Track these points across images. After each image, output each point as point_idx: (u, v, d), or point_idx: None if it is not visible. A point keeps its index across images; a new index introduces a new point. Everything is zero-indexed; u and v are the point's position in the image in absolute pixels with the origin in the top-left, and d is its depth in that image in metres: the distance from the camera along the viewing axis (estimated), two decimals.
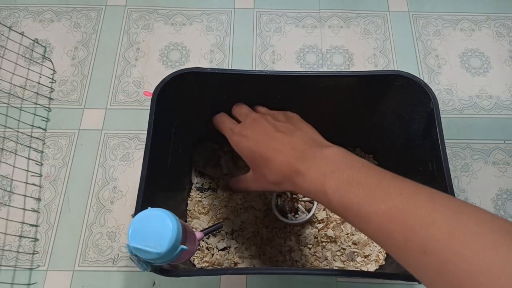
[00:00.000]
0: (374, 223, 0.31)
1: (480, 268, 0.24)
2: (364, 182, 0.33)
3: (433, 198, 0.30)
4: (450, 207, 0.29)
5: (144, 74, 0.72)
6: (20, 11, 0.78)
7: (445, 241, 0.26)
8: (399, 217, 0.30)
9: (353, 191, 0.33)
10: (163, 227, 0.35)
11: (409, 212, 0.29)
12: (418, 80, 0.46)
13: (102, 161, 0.64)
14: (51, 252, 0.57)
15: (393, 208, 0.30)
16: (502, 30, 0.77)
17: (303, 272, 0.49)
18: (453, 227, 0.27)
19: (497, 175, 0.65)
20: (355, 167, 0.35)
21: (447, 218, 0.28)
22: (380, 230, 0.31)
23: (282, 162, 0.40)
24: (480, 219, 0.27)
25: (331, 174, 0.35)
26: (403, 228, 0.29)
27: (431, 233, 0.27)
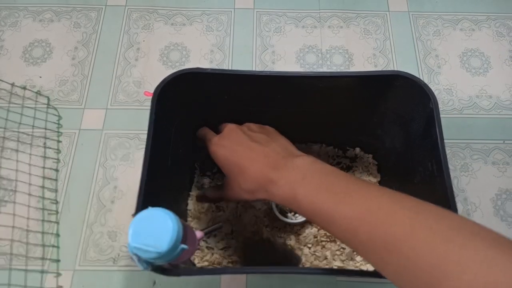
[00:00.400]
0: (341, 226, 0.33)
1: (435, 263, 0.26)
2: (331, 188, 0.36)
3: (394, 200, 0.32)
4: (411, 208, 0.31)
5: (144, 74, 0.72)
6: (19, 11, 0.78)
7: (405, 239, 0.28)
8: (364, 219, 0.32)
9: (321, 197, 0.35)
10: (164, 227, 0.35)
11: (372, 213, 0.31)
12: (418, 80, 0.46)
13: (103, 161, 0.64)
14: (50, 252, 0.57)
15: (357, 211, 0.32)
16: (502, 30, 0.77)
17: (302, 272, 0.49)
18: (413, 225, 0.29)
19: (496, 175, 0.65)
20: (323, 174, 0.38)
21: (408, 218, 0.29)
22: (347, 231, 0.33)
23: (256, 171, 0.41)
24: (439, 217, 0.29)
25: (301, 181, 0.38)
26: (368, 228, 0.31)
27: (392, 231, 0.29)
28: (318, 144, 0.64)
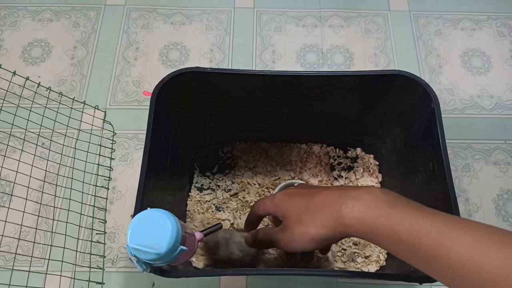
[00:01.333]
0: (457, 255, 0.29)
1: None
2: (438, 214, 0.32)
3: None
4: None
5: (143, 74, 0.72)
6: (19, 10, 0.78)
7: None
8: (493, 249, 0.28)
9: (429, 220, 0.31)
10: (163, 228, 0.35)
11: (503, 244, 0.28)
12: (419, 80, 0.46)
13: (101, 161, 0.64)
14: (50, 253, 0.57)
15: (483, 240, 0.29)
16: (503, 29, 0.77)
17: (303, 273, 0.48)
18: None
19: (498, 175, 0.64)
20: (414, 202, 0.34)
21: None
22: (466, 263, 0.29)
23: (326, 194, 0.37)
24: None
25: (394, 202, 0.34)
26: (502, 260, 0.27)
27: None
28: (318, 144, 0.64)
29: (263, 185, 0.61)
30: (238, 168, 0.63)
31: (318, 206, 0.37)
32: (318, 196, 0.38)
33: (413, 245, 0.31)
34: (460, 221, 0.31)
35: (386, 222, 0.32)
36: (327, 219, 0.36)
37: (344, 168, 0.63)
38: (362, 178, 0.62)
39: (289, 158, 0.63)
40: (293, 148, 0.64)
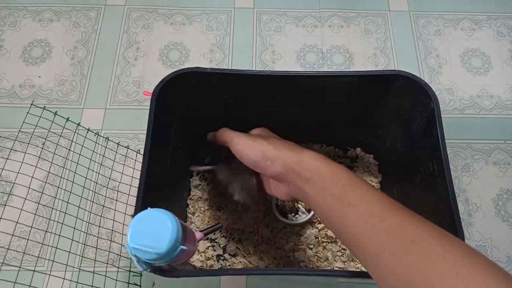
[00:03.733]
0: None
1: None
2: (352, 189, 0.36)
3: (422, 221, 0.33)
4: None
5: (143, 74, 0.72)
6: (19, 10, 0.78)
7: (435, 260, 0.28)
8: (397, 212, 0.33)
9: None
10: (163, 228, 0.35)
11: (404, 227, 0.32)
12: (418, 80, 0.46)
13: (102, 161, 0.64)
14: (49, 253, 0.57)
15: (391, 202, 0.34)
16: (503, 29, 0.77)
17: (303, 273, 0.49)
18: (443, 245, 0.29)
19: (498, 175, 0.64)
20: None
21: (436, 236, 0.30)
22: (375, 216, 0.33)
23: (288, 144, 0.42)
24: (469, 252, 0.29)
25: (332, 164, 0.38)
26: (398, 219, 0.32)
27: (420, 234, 0.30)
28: (318, 144, 0.64)
29: None
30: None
31: (281, 144, 0.42)
32: (281, 141, 0.43)
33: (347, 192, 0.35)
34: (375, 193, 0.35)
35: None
36: (288, 152, 0.40)
37: None
38: (362, 178, 0.62)
39: None
40: None
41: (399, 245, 0.30)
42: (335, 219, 0.35)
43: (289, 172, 0.39)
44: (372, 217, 0.32)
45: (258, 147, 0.42)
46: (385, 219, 0.32)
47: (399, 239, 0.30)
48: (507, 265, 0.58)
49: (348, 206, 0.34)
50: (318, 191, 0.37)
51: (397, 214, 0.32)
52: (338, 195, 0.35)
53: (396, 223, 0.31)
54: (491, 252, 0.59)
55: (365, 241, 0.32)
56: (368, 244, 0.32)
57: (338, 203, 0.35)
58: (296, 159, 0.39)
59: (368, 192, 0.35)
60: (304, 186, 0.38)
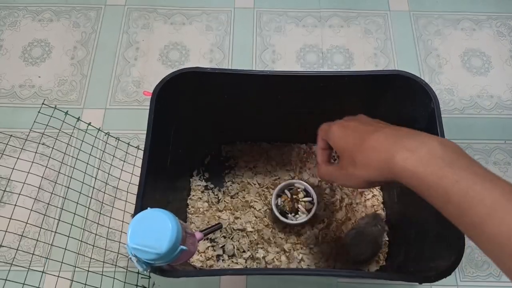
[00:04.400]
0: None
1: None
2: (499, 183, 0.30)
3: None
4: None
5: (143, 74, 0.72)
6: (19, 10, 0.78)
7: None
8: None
9: (487, 187, 0.29)
10: (163, 228, 0.35)
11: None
12: (419, 80, 0.46)
13: (102, 157, 0.64)
14: (49, 252, 0.57)
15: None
16: (503, 29, 0.77)
17: (303, 273, 0.49)
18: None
19: (498, 175, 0.64)
20: (480, 164, 0.32)
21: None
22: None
23: (381, 135, 0.35)
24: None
25: (453, 161, 0.31)
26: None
27: None
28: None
29: (263, 185, 0.61)
30: (238, 168, 0.63)
31: (371, 149, 0.36)
32: (372, 138, 0.36)
33: (462, 209, 0.29)
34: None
35: (438, 181, 0.30)
36: (379, 165, 0.35)
37: None
38: None
39: (289, 158, 0.63)
40: (293, 148, 0.64)
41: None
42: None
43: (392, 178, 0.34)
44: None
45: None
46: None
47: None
48: None
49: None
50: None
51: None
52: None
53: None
54: None
55: None
56: None
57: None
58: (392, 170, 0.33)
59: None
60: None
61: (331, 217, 0.58)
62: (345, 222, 0.58)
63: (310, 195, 0.58)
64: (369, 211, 0.60)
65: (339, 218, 0.58)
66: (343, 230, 0.57)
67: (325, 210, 0.59)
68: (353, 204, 0.60)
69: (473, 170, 0.30)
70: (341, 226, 0.58)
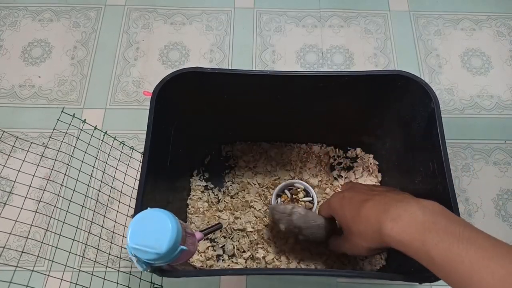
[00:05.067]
0: (489, 287, 0.28)
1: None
2: (474, 241, 0.30)
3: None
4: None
5: (143, 74, 0.72)
6: (19, 10, 0.78)
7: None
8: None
9: (463, 247, 0.30)
10: (163, 228, 0.35)
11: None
12: (419, 80, 0.46)
13: (102, 162, 0.64)
14: (49, 252, 0.57)
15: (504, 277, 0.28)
16: (503, 29, 0.77)
17: (303, 273, 0.48)
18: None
19: (498, 175, 0.64)
20: (458, 223, 0.33)
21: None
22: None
23: (369, 208, 0.38)
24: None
25: (432, 225, 0.33)
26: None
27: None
28: (318, 144, 0.64)
29: (263, 185, 0.61)
30: (238, 168, 0.63)
31: (363, 220, 0.39)
32: (365, 208, 0.39)
33: (447, 270, 0.31)
34: (497, 248, 0.29)
35: (421, 247, 0.32)
36: (373, 235, 0.38)
37: (344, 168, 0.63)
38: (362, 177, 0.62)
39: (289, 158, 0.63)
40: (293, 148, 0.64)
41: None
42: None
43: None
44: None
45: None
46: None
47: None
48: None
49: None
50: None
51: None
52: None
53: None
54: None
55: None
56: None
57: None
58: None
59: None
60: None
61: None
62: None
63: (310, 195, 0.58)
64: None
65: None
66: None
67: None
68: None
69: (450, 231, 0.32)
70: None
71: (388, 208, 0.37)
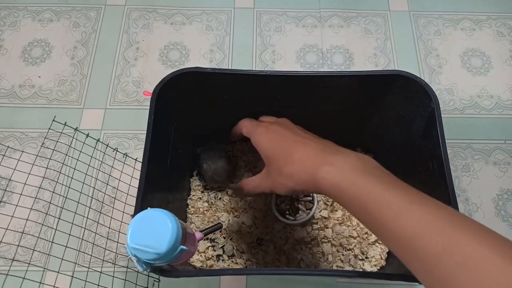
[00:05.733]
0: (410, 228, 0.30)
1: (498, 277, 0.25)
2: (403, 189, 0.32)
3: (455, 216, 0.30)
4: (475, 225, 0.30)
5: (143, 74, 0.72)
6: (19, 10, 0.78)
7: (490, 259, 0.28)
8: (442, 227, 0.29)
9: (393, 193, 0.32)
10: (163, 228, 0.35)
11: (454, 225, 0.29)
12: (418, 80, 0.46)
13: (102, 162, 0.64)
14: (49, 252, 0.57)
15: (439, 218, 0.29)
16: (503, 29, 0.77)
17: (303, 273, 0.48)
18: (495, 247, 0.29)
19: (498, 175, 0.64)
20: (391, 175, 0.35)
21: (472, 233, 0.29)
22: (415, 237, 0.29)
23: (306, 151, 0.38)
24: (498, 238, 0.30)
25: (366, 171, 0.34)
26: (447, 238, 0.28)
27: (475, 249, 0.28)
28: None
29: None
30: (238, 168, 0.63)
31: (298, 162, 0.38)
32: (301, 151, 0.39)
33: (376, 215, 0.32)
34: (425, 197, 0.32)
35: (356, 190, 0.33)
36: (304, 177, 0.37)
37: None
38: None
39: None
40: None
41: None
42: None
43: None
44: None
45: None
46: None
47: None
48: None
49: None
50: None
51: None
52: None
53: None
54: None
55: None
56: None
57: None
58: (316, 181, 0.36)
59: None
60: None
61: (331, 216, 0.58)
62: (345, 221, 0.58)
63: (310, 195, 0.58)
64: None
65: (338, 217, 0.58)
66: (343, 229, 0.57)
67: (326, 209, 0.59)
68: None
69: (384, 180, 0.34)
70: (341, 226, 0.58)
71: (326, 154, 0.37)
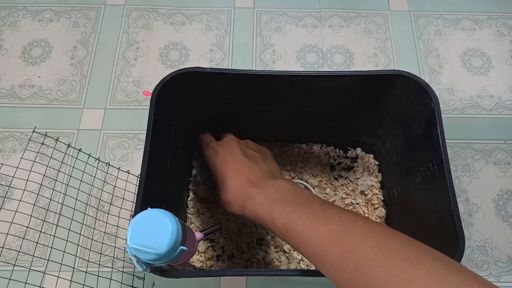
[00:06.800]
0: (314, 245, 0.34)
1: (404, 284, 0.28)
2: (309, 208, 0.37)
3: (367, 225, 0.34)
4: (382, 232, 0.33)
5: (143, 74, 0.72)
6: (19, 10, 0.78)
7: (376, 260, 0.30)
8: (337, 239, 0.33)
9: (298, 214, 0.36)
10: (163, 228, 0.35)
11: (346, 234, 0.33)
12: (419, 80, 0.46)
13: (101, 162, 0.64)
14: (49, 252, 0.57)
15: (332, 231, 0.34)
16: (503, 29, 0.77)
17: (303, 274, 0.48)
18: (383, 248, 0.31)
19: (498, 175, 0.64)
20: (303, 196, 0.39)
21: (379, 240, 0.32)
22: (320, 251, 0.34)
23: (237, 184, 0.43)
24: (407, 243, 0.31)
25: (280, 199, 0.39)
26: (340, 248, 0.32)
27: (364, 253, 0.31)
28: (318, 144, 0.64)
29: None
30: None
31: (231, 193, 0.43)
32: (231, 183, 0.44)
33: (287, 236, 0.37)
34: (326, 211, 0.36)
35: (269, 219, 0.38)
36: (237, 208, 0.43)
37: (344, 168, 0.63)
38: (362, 177, 0.62)
39: (289, 158, 0.63)
40: (293, 148, 0.64)
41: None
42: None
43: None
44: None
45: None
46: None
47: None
48: (507, 265, 0.58)
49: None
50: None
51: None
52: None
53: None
54: (491, 252, 0.59)
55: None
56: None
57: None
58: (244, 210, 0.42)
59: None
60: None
61: None
62: None
63: None
64: (370, 209, 0.60)
65: None
66: None
67: None
68: (353, 203, 0.60)
69: (293, 202, 0.38)
70: None
71: (251, 185, 0.42)
